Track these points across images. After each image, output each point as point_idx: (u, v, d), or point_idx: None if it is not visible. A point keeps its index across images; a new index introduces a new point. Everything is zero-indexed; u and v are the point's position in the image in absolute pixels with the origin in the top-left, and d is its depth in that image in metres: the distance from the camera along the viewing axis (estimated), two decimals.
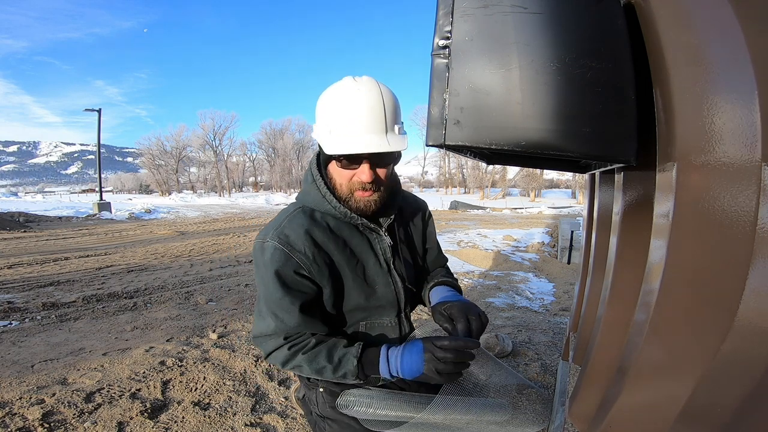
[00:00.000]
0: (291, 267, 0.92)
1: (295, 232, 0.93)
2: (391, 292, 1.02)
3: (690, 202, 0.53)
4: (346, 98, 0.86)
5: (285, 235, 0.92)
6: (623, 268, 0.85)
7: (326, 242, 0.95)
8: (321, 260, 0.93)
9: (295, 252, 0.91)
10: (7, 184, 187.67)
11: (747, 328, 0.48)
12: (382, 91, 0.87)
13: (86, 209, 16.66)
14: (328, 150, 0.86)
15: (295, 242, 0.92)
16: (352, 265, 0.97)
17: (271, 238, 0.93)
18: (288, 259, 0.91)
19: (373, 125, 0.85)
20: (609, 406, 0.69)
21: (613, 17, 0.64)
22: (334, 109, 0.87)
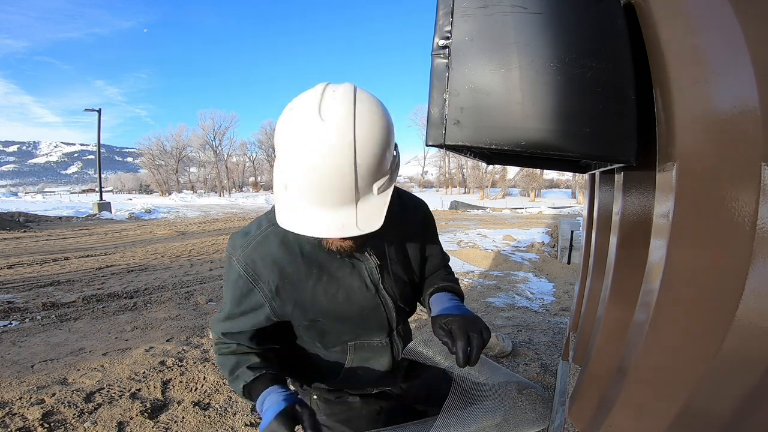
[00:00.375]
0: (252, 297, 0.86)
1: (263, 260, 0.84)
2: (381, 314, 0.93)
3: (690, 202, 0.53)
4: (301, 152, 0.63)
5: (252, 261, 0.84)
6: (623, 268, 0.85)
7: (297, 273, 0.85)
8: (287, 294, 0.85)
9: (259, 283, 0.84)
10: (7, 184, 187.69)
11: (747, 328, 0.48)
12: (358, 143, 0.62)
13: (86, 209, 16.66)
14: (278, 218, 0.71)
15: (261, 272, 0.84)
16: (330, 292, 0.87)
17: (237, 261, 0.84)
18: (250, 290, 0.85)
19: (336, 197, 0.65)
20: (609, 406, 0.69)
21: (613, 17, 0.64)
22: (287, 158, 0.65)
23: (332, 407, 1.06)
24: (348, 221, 0.67)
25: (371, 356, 0.98)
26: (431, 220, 1.06)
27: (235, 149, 64.90)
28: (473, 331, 0.80)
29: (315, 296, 0.87)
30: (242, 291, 0.86)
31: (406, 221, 0.98)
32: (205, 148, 62.37)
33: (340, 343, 0.96)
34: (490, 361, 1.11)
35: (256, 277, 0.84)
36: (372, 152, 0.64)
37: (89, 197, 37.82)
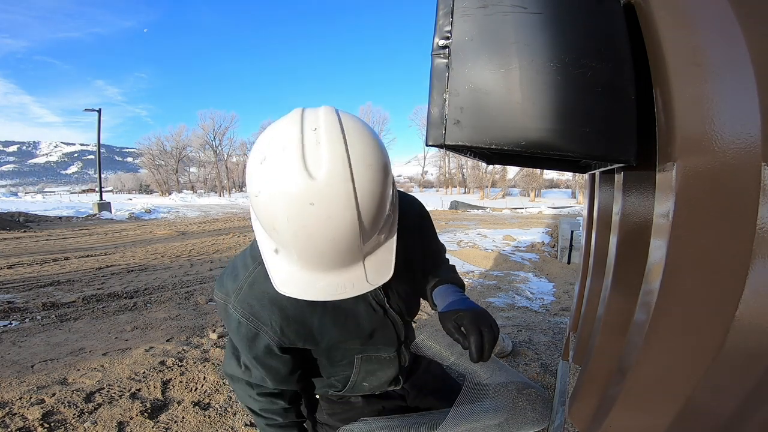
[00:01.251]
0: (260, 341, 0.82)
1: (260, 302, 0.77)
2: (390, 333, 0.92)
3: (690, 202, 0.53)
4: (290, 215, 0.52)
5: (249, 305, 0.78)
6: (623, 268, 0.85)
7: (299, 309, 0.79)
8: (293, 331, 0.81)
9: (261, 326, 0.79)
10: (7, 184, 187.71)
11: (747, 328, 0.48)
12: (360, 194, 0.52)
13: (86, 209, 16.67)
14: (278, 287, 0.62)
15: (260, 315, 0.78)
16: (339, 322, 0.84)
17: (234, 308, 0.78)
18: (255, 335, 0.80)
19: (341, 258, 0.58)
20: (609, 406, 0.69)
21: (613, 17, 0.64)
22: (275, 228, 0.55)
23: (334, 407, 1.06)
24: (358, 279, 0.61)
25: (378, 368, 0.97)
26: (427, 218, 1.01)
27: (235, 149, 64.94)
28: (484, 326, 0.78)
29: (323, 329, 0.83)
30: (248, 337, 0.82)
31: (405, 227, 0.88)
32: (205, 148, 62.40)
33: (348, 356, 0.94)
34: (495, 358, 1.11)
35: (257, 321, 0.79)
36: (375, 199, 0.55)
37: (89, 197, 37.83)
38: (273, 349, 0.82)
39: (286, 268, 0.60)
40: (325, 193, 0.50)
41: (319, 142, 0.51)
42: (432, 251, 1.04)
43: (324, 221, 0.51)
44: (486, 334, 0.77)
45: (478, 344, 0.75)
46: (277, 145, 0.52)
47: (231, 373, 0.95)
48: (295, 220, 0.51)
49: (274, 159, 0.51)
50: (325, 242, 0.53)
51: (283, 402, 0.94)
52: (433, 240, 1.05)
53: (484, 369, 1.05)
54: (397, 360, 0.97)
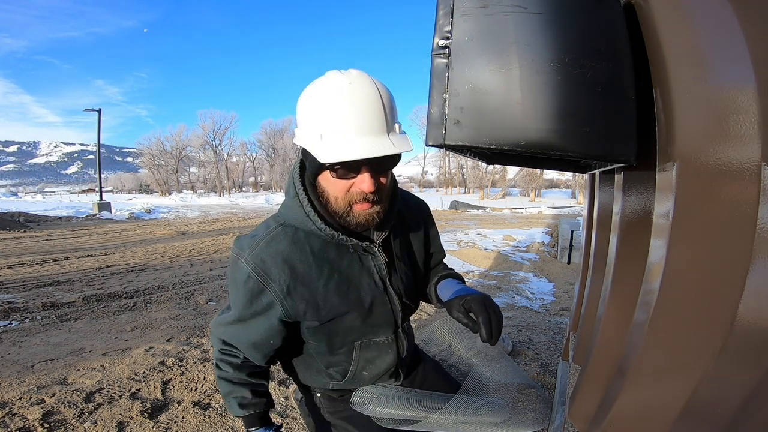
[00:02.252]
0: (263, 298, 0.85)
1: (273, 259, 0.83)
2: (388, 311, 0.94)
3: (690, 202, 0.53)
4: (339, 96, 0.73)
5: (261, 261, 0.83)
6: (623, 268, 0.85)
7: (308, 271, 0.85)
8: (299, 294, 0.84)
9: (269, 283, 0.83)
10: (7, 184, 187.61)
11: (747, 328, 0.48)
12: (378, 86, 0.76)
13: (86, 209, 16.67)
14: (323, 158, 0.74)
15: (270, 271, 0.83)
16: (342, 291, 0.88)
17: (245, 261, 0.83)
18: (261, 290, 0.84)
19: (373, 125, 0.74)
20: (609, 406, 0.69)
21: (613, 17, 0.64)
22: (325, 110, 0.74)
23: (335, 405, 1.06)
24: (387, 144, 0.74)
25: (377, 355, 0.99)
26: (432, 218, 1.11)
27: (235, 149, 64.98)
28: (491, 308, 0.82)
29: (327, 294, 0.86)
30: (253, 291, 0.84)
31: (414, 220, 1.03)
32: (205, 148, 62.39)
33: (347, 343, 0.95)
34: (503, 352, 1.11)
35: (266, 277, 0.83)
36: (389, 96, 0.77)
37: (89, 197, 37.81)
38: (273, 308, 0.85)
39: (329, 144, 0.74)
40: (357, 78, 0.75)
41: (348, 71, 0.77)
42: (434, 248, 1.10)
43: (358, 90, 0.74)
44: (493, 315, 0.81)
45: (487, 324, 0.79)
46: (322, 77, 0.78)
47: (213, 325, 0.97)
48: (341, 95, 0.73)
49: (320, 81, 0.77)
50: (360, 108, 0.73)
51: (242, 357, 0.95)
52: (436, 238, 1.11)
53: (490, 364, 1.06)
54: (395, 345, 0.99)
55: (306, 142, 0.78)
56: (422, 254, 1.05)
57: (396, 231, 0.96)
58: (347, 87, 0.74)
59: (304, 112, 0.78)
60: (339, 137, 0.73)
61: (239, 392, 0.96)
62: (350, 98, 0.73)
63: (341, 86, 0.74)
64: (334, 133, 0.74)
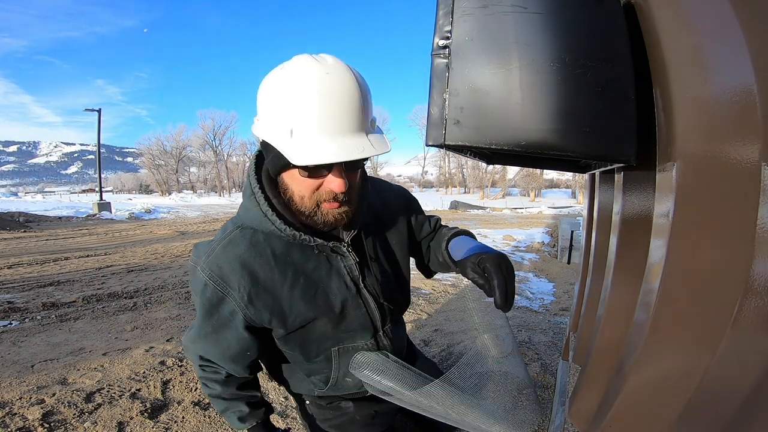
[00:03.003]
0: (224, 307, 0.78)
1: (230, 265, 0.76)
2: (363, 315, 0.87)
3: (690, 202, 0.53)
4: (314, 89, 0.64)
5: (218, 267, 0.76)
6: (623, 268, 0.85)
7: (270, 276, 0.78)
8: (261, 301, 0.78)
9: (228, 290, 0.76)
10: (7, 184, 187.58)
11: (747, 328, 0.48)
12: (356, 77, 0.68)
13: (86, 209, 16.68)
14: (295, 159, 0.66)
15: (228, 278, 0.76)
16: (309, 296, 0.81)
17: (202, 269, 0.77)
18: (221, 298, 0.77)
19: (350, 124, 0.67)
20: (609, 406, 0.69)
21: (613, 17, 0.64)
22: (298, 104, 0.65)
23: (325, 413, 1.02)
24: (365, 145, 0.68)
25: None
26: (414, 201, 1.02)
27: (235, 149, 64.90)
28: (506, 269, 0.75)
29: (292, 301, 0.80)
30: (212, 301, 0.78)
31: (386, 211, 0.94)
32: (205, 148, 62.39)
33: (323, 351, 0.88)
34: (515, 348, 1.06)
35: (225, 285, 0.76)
36: (366, 90, 0.70)
37: (89, 197, 37.80)
38: (236, 317, 0.79)
39: (301, 143, 0.66)
40: (334, 67, 0.66)
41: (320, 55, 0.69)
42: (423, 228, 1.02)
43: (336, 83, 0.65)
44: (509, 278, 0.74)
45: (502, 288, 0.72)
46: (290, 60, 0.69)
47: (185, 343, 0.91)
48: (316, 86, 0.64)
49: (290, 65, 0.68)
50: (341, 100, 0.65)
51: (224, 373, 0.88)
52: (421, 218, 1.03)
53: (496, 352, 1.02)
54: (376, 350, 0.92)
55: (272, 137, 0.69)
56: (404, 247, 0.96)
57: (368, 227, 0.88)
58: (324, 78, 0.65)
59: (270, 102, 0.69)
60: (313, 136, 0.66)
61: (235, 407, 0.91)
62: (327, 92, 0.65)
63: (317, 77, 0.65)
64: (307, 130, 0.66)
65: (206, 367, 0.89)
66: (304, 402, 1.04)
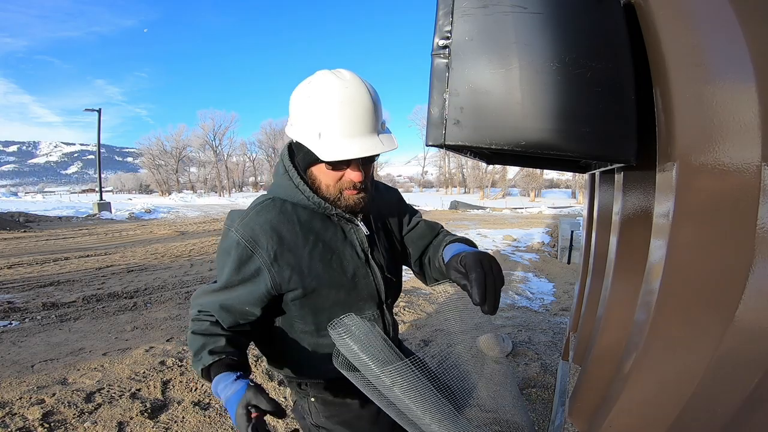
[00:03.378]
0: (251, 264, 0.89)
1: (261, 228, 0.89)
2: (371, 283, 0.98)
3: (690, 202, 0.53)
4: (337, 99, 0.82)
5: (251, 229, 0.89)
6: (623, 268, 0.85)
7: (294, 239, 0.91)
8: (285, 261, 0.89)
9: (257, 249, 0.88)
10: (7, 184, 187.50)
11: (747, 328, 0.48)
12: (369, 88, 0.84)
13: (86, 209, 16.67)
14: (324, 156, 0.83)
15: (259, 238, 0.88)
16: (326, 259, 0.93)
17: (236, 230, 0.89)
18: (249, 256, 0.88)
19: (366, 126, 0.84)
20: (609, 406, 0.69)
21: (613, 17, 0.64)
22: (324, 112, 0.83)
23: (330, 409, 1.04)
24: (377, 143, 0.84)
25: None
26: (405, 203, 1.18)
27: (235, 149, 64.90)
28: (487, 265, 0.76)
29: (311, 261, 0.92)
30: (241, 258, 0.89)
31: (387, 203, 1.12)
32: (205, 148, 62.37)
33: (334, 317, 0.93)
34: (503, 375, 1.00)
35: (255, 244, 0.88)
36: (377, 98, 0.86)
37: (89, 197, 37.76)
38: (261, 274, 0.89)
39: (328, 143, 0.83)
40: (351, 81, 0.83)
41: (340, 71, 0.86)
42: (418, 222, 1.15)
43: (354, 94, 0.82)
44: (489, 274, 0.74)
45: (480, 282, 0.72)
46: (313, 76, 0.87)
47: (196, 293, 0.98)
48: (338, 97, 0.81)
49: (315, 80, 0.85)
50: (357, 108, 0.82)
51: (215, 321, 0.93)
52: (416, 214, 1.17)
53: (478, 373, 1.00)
54: (381, 321, 1.01)
55: (305, 138, 0.86)
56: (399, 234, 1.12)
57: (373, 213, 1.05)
58: (344, 91, 0.82)
59: (301, 111, 0.87)
60: (337, 137, 0.83)
61: (214, 342, 0.90)
62: (347, 102, 0.82)
63: (338, 90, 0.82)
64: (332, 133, 0.83)
65: (202, 314, 0.94)
66: (307, 398, 1.06)
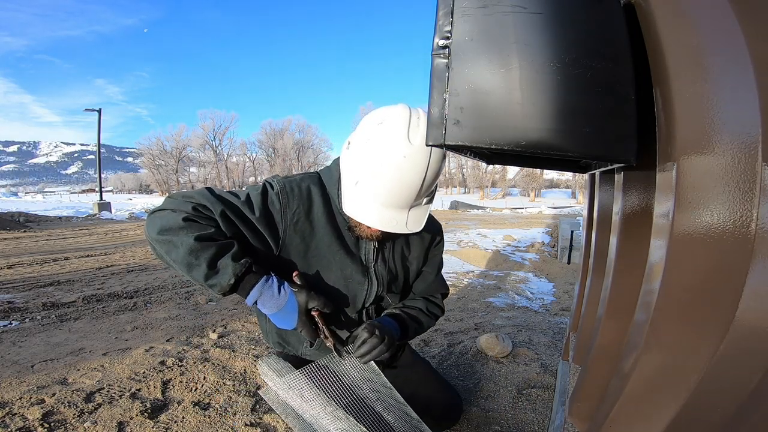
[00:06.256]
0: (276, 207, 0.93)
1: (300, 190, 0.95)
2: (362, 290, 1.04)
3: (690, 202, 0.53)
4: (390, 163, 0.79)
5: (290, 187, 0.94)
6: (623, 268, 0.85)
7: (317, 219, 0.97)
8: (301, 230, 0.95)
9: (289, 203, 0.93)
10: (7, 184, 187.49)
11: (747, 329, 0.48)
12: (430, 165, 0.80)
13: (86, 209, 16.68)
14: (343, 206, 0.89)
15: (293, 197, 0.94)
16: (333, 248, 0.99)
17: (278, 181, 0.95)
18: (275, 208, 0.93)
19: (401, 201, 0.83)
20: (609, 406, 0.69)
21: (613, 17, 0.64)
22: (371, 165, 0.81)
23: None
24: (400, 221, 0.83)
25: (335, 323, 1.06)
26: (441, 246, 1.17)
27: (235, 149, 64.92)
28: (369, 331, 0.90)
29: (321, 242, 0.97)
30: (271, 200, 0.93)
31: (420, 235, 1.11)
32: (205, 148, 62.36)
33: None
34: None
35: (287, 199, 0.93)
36: (435, 174, 0.82)
37: (89, 197, 37.74)
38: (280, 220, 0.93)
39: (356, 197, 0.84)
40: (414, 154, 0.77)
41: (419, 126, 0.79)
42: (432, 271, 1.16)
43: (405, 170, 0.77)
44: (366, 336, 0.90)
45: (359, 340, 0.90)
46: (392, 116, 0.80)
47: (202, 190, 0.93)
48: (390, 166, 0.78)
49: (388, 123, 0.80)
50: (400, 188, 0.79)
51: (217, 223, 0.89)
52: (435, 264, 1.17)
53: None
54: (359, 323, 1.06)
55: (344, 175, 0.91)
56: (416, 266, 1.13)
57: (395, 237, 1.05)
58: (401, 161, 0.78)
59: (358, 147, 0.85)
60: (368, 198, 0.83)
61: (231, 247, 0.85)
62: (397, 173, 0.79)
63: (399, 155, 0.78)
64: (366, 191, 0.84)
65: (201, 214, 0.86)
66: None
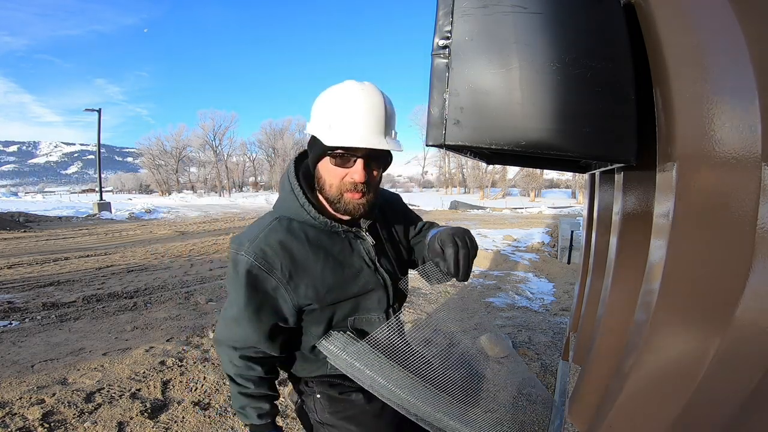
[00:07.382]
0: (268, 284, 0.90)
1: (272, 249, 0.90)
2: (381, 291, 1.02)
3: (690, 202, 0.53)
4: (350, 97, 0.87)
5: (262, 251, 0.89)
6: (623, 268, 0.85)
7: (306, 257, 0.92)
8: (299, 277, 0.91)
9: (272, 270, 0.89)
10: (7, 184, 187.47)
11: (747, 328, 0.48)
12: (384, 97, 0.89)
13: (86, 209, 16.68)
14: (328, 142, 0.86)
15: (272, 260, 0.89)
16: (338, 272, 0.95)
17: (246, 253, 0.89)
18: (265, 278, 0.89)
19: (374, 127, 0.87)
20: (609, 406, 0.69)
21: (613, 17, 0.64)
22: (337, 106, 0.87)
23: (335, 405, 1.06)
24: (380, 141, 0.86)
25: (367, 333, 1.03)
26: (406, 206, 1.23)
27: (235, 149, 64.87)
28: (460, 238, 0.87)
29: (324, 276, 0.94)
30: (258, 279, 0.90)
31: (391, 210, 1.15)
32: (205, 148, 62.34)
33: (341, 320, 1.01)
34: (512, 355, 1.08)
35: (269, 265, 0.89)
36: (391, 108, 0.90)
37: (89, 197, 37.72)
38: (279, 292, 0.91)
39: (335, 132, 0.86)
40: (370, 88, 0.87)
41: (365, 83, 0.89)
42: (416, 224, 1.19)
43: (369, 98, 0.86)
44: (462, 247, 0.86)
45: (452, 254, 0.84)
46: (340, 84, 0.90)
47: (219, 338, 1.01)
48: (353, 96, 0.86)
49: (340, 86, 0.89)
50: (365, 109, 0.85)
51: (260, 370, 0.99)
52: (416, 217, 1.21)
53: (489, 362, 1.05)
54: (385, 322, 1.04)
55: (317, 129, 0.90)
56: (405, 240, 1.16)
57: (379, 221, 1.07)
58: (359, 91, 0.87)
59: (319, 107, 0.91)
60: (345, 128, 0.86)
61: (258, 404, 1.01)
62: (359, 100, 0.86)
63: (353, 90, 0.87)
64: (341, 124, 0.86)
65: (243, 356, 0.97)
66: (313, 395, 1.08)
